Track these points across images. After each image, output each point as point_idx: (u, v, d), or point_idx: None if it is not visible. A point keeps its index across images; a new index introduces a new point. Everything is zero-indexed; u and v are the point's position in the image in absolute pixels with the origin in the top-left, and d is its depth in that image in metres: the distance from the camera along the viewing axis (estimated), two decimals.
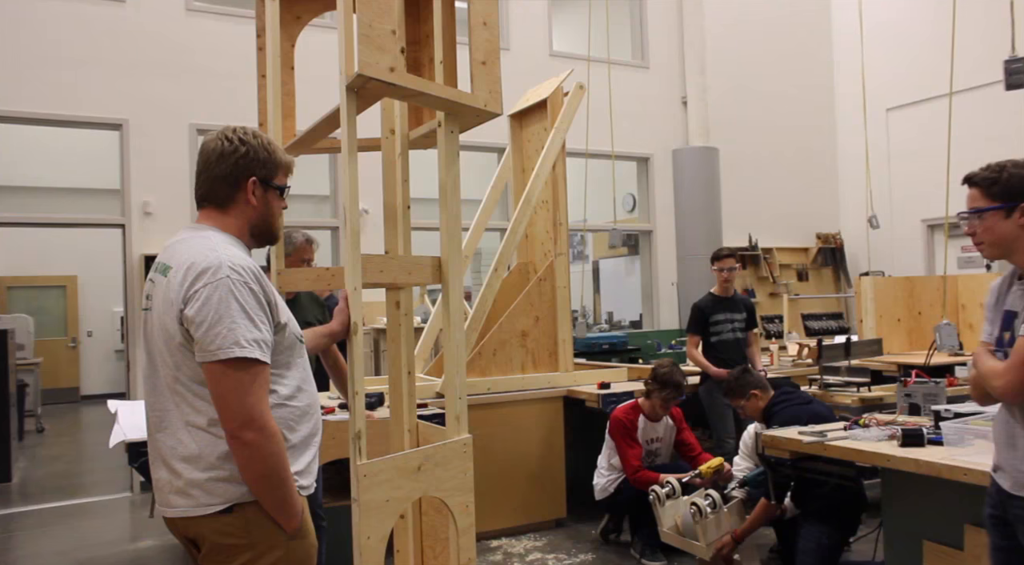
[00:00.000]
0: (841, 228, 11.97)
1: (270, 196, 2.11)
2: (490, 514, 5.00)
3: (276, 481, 1.91)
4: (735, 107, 11.19)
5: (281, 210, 2.18)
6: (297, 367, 2.08)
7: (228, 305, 1.84)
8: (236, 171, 2.05)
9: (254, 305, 1.89)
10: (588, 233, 11.91)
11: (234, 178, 2.05)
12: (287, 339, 2.02)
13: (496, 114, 2.52)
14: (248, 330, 1.85)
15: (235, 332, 1.83)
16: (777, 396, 4.36)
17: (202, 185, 2.08)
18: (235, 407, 1.84)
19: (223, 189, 2.06)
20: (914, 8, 10.72)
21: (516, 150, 6.37)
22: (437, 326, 5.93)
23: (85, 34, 7.73)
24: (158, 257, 2.08)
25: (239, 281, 1.88)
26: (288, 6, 2.99)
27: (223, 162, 2.04)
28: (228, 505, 1.92)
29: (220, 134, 2.08)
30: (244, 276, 1.90)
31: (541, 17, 10.14)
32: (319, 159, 8.87)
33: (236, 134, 2.08)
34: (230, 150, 2.05)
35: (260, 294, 1.93)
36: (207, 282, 1.86)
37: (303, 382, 2.08)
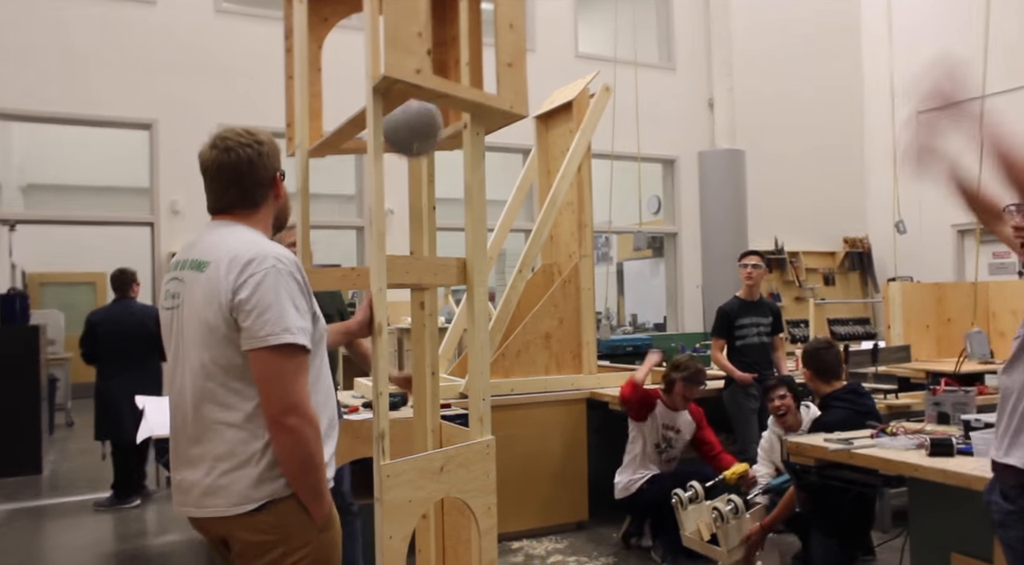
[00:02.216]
0: (869, 232, 11.84)
1: (282, 187, 2.18)
2: (512, 515, 5.00)
3: (313, 467, 1.93)
4: (762, 109, 11.11)
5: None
6: (320, 358, 2.10)
7: (277, 293, 1.88)
8: (267, 172, 2.10)
9: (298, 294, 1.93)
10: (613, 235, 11.88)
11: (267, 178, 2.10)
12: (318, 331, 2.04)
13: (522, 116, 2.52)
14: (295, 318, 1.89)
15: (285, 319, 1.86)
16: (843, 391, 4.24)
17: (233, 195, 2.08)
18: (280, 393, 1.86)
19: (260, 191, 2.09)
20: (945, 8, 10.57)
21: (541, 151, 6.36)
22: (461, 326, 5.94)
23: (116, 35, 7.84)
24: (181, 255, 2.08)
25: (284, 270, 1.91)
26: (316, 8, 3.01)
27: (256, 167, 2.07)
28: (261, 503, 1.93)
29: (236, 141, 2.07)
30: (288, 266, 1.93)
31: (567, 18, 10.13)
32: (345, 159, 8.92)
33: (248, 137, 2.08)
34: (255, 154, 2.07)
35: (302, 283, 1.96)
36: (254, 271, 1.89)
37: (321, 374, 2.10)
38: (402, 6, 2.17)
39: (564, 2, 10.14)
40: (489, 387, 2.58)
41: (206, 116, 8.10)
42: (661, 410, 4.90)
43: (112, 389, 6.15)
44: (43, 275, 13.40)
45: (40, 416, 7.41)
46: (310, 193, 2.90)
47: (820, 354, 4.30)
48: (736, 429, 5.56)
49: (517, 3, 2.50)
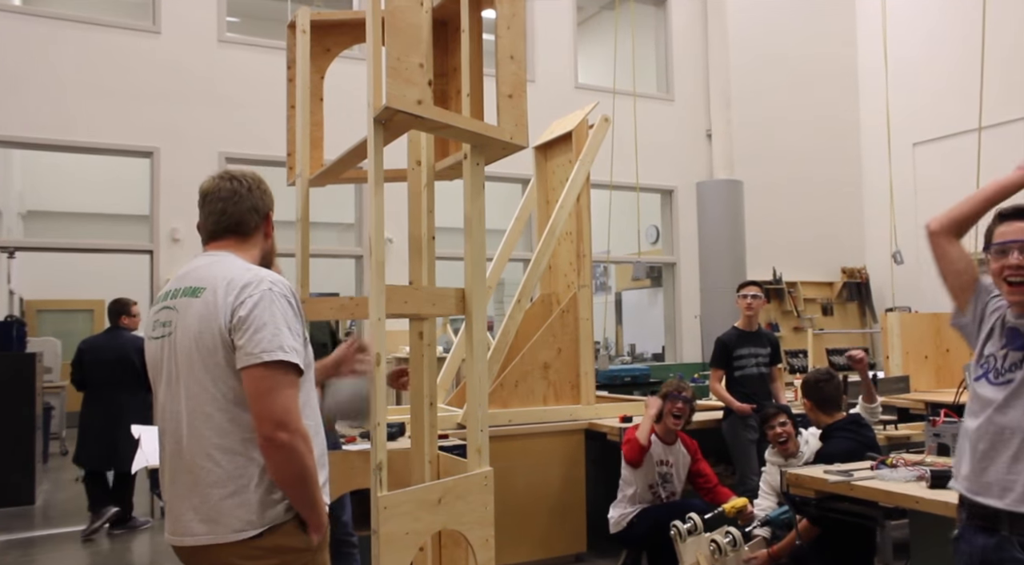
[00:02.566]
0: (867, 262, 11.87)
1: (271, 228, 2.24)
2: (509, 547, 4.94)
3: (308, 482, 1.94)
4: (760, 140, 11.19)
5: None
6: (309, 384, 2.11)
7: (272, 313, 1.92)
8: (263, 205, 2.18)
9: (292, 317, 1.97)
10: (611, 265, 11.90)
11: (261, 211, 2.17)
12: (307, 356, 2.06)
13: (522, 147, 2.54)
14: (289, 338, 1.93)
15: (279, 337, 1.90)
16: (845, 422, 4.25)
17: (229, 215, 2.13)
18: (271, 408, 1.87)
19: (253, 218, 2.16)
20: (941, 43, 10.69)
21: (541, 181, 6.39)
22: (459, 356, 5.92)
23: (119, 64, 7.91)
24: (173, 284, 2.10)
25: (279, 293, 1.97)
26: (318, 39, 3.04)
27: (252, 195, 2.16)
28: (263, 529, 1.93)
29: (228, 176, 2.17)
30: (283, 289, 1.99)
31: (567, 49, 10.23)
32: (345, 187, 8.96)
33: (248, 174, 2.20)
34: (255, 186, 2.17)
35: (296, 308, 2.01)
36: (251, 293, 1.94)
37: (310, 400, 2.11)
38: (405, 37, 2.19)
39: (564, 33, 10.25)
40: (488, 418, 2.57)
41: (207, 145, 8.16)
42: (655, 446, 4.85)
43: (91, 416, 6.22)
44: (41, 302, 13.38)
45: (34, 445, 7.35)
46: (310, 221, 2.91)
47: (821, 385, 4.31)
48: (735, 460, 5.52)
49: (518, 35, 2.53)
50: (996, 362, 2.33)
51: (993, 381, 2.31)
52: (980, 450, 2.25)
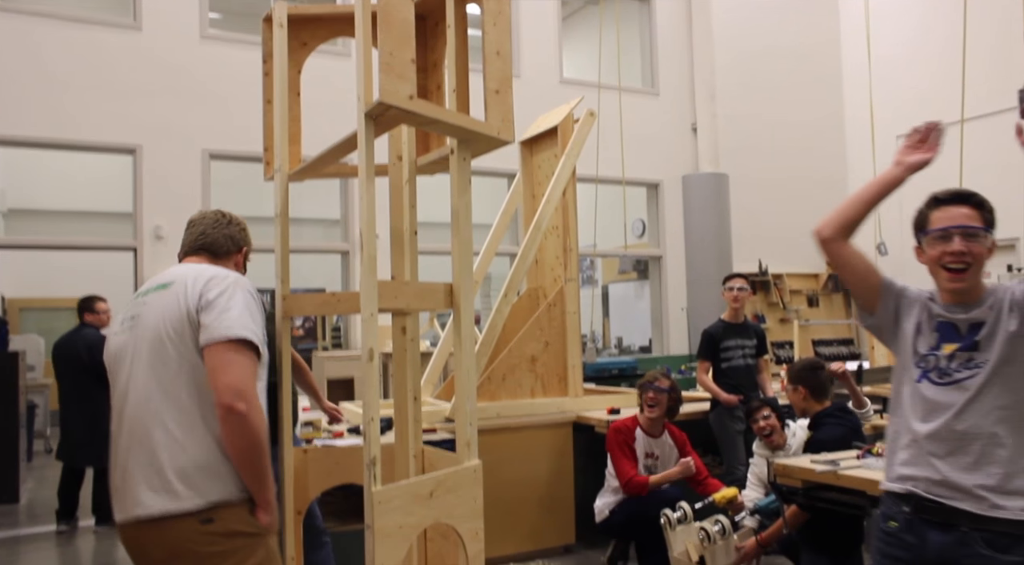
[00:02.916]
0: None
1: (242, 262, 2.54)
2: (498, 540, 4.96)
3: (259, 454, 2.06)
4: (745, 133, 11.23)
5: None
6: (263, 382, 2.22)
7: (237, 299, 2.13)
8: (240, 238, 2.51)
9: (255, 308, 2.19)
10: (598, 258, 11.92)
11: (237, 242, 2.49)
12: (265, 355, 2.23)
13: (508, 142, 2.54)
14: (250, 322, 2.12)
15: (242, 319, 2.09)
16: (832, 409, 4.30)
17: (207, 235, 2.43)
18: (231, 379, 2.01)
19: (228, 244, 2.45)
20: (924, 36, 10.76)
21: (527, 176, 6.40)
22: (447, 350, 5.93)
23: (101, 60, 7.85)
24: (145, 286, 2.30)
25: (245, 285, 2.20)
26: (295, 32, 3.02)
27: (232, 226, 2.49)
28: (209, 502, 2.02)
29: (222, 214, 2.54)
30: (248, 286, 2.22)
31: (552, 44, 10.23)
32: (330, 183, 8.93)
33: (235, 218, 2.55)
34: (235, 221, 2.50)
35: (259, 306, 2.23)
36: (220, 282, 2.16)
37: (261, 394, 2.22)
38: (396, 32, 2.19)
39: (549, 28, 10.24)
40: (476, 411, 2.57)
41: (190, 141, 8.11)
42: (641, 439, 4.87)
43: (66, 412, 6.25)
44: (24, 301, 13.27)
45: (18, 443, 7.30)
46: (295, 217, 2.90)
47: (817, 372, 4.35)
48: (722, 451, 5.56)
49: (504, 30, 2.53)
50: (937, 361, 2.30)
51: (937, 381, 2.27)
52: (937, 453, 2.21)
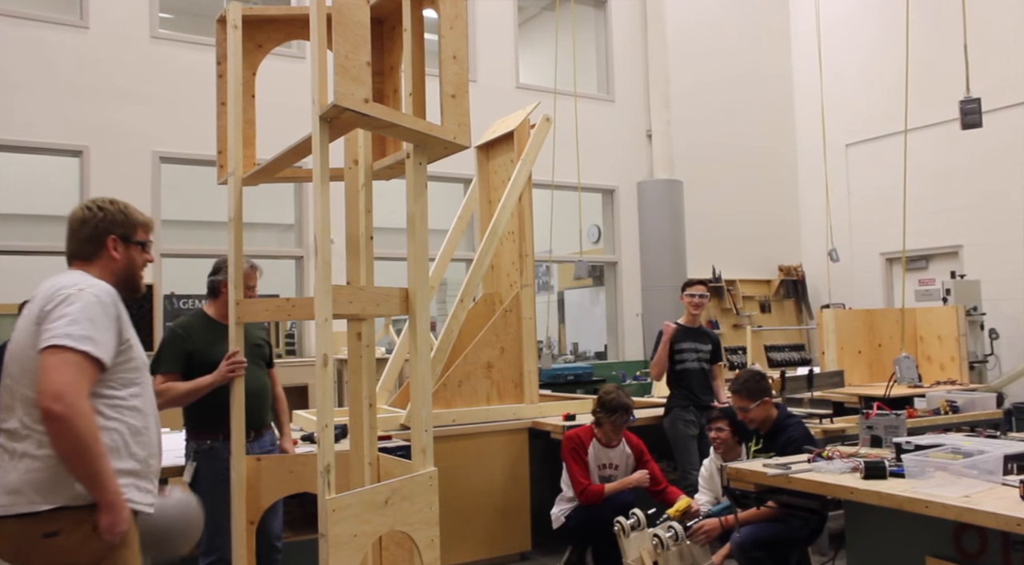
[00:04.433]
0: (803, 261, 12.16)
1: (131, 251, 2.44)
2: (454, 548, 4.93)
3: (87, 457, 2.06)
4: (699, 140, 11.37)
5: (144, 263, 2.49)
6: (142, 386, 2.30)
7: (72, 307, 2.13)
8: (97, 233, 2.40)
9: (99, 313, 2.17)
10: (554, 264, 11.95)
11: (96, 238, 2.40)
12: (137, 359, 2.29)
13: (465, 146, 2.53)
14: (85, 330, 2.11)
15: (71, 327, 2.10)
16: (786, 412, 4.39)
17: (70, 245, 2.41)
18: (48, 383, 2.04)
19: (87, 248, 2.39)
20: (873, 47, 11.02)
21: (483, 181, 6.39)
22: (402, 356, 5.88)
23: (46, 60, 7.65)
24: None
25: (91, 293, 2.19)
26: (250, 34, 2.98)
27: (85, 227, 2.40)
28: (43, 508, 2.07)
29: (82, 204, 2.45)
30: (101, 296, 2.21)
31: (508, 49, 10.25)
32: (284, 188, 8.81)
33: (95, 203, 2.44)
34: (90, 216, 2.40)
35: (111, 308, 2.21)
36: (66, 293, 2.17)
37: (144, 405, 2.31)
38: (351, 36, 2.17)
39: (505, 33, 10.26)
40: (431, 418, 2.56)
41: (140, 144, 7.94)
42: (595, 450, 4.87)
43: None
44: None
45: None
46: (248, 222, 2.86)
47: (761, 384, 4.36)
48: (676, 456, 5.60)
49: (460, 35, 2.53)
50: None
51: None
52: None
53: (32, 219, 11.30)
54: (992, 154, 9.64)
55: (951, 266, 9.94)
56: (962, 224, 10.04)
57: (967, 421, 5.34)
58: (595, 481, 4.79)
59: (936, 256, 10.45)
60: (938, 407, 5.60)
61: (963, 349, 7.54)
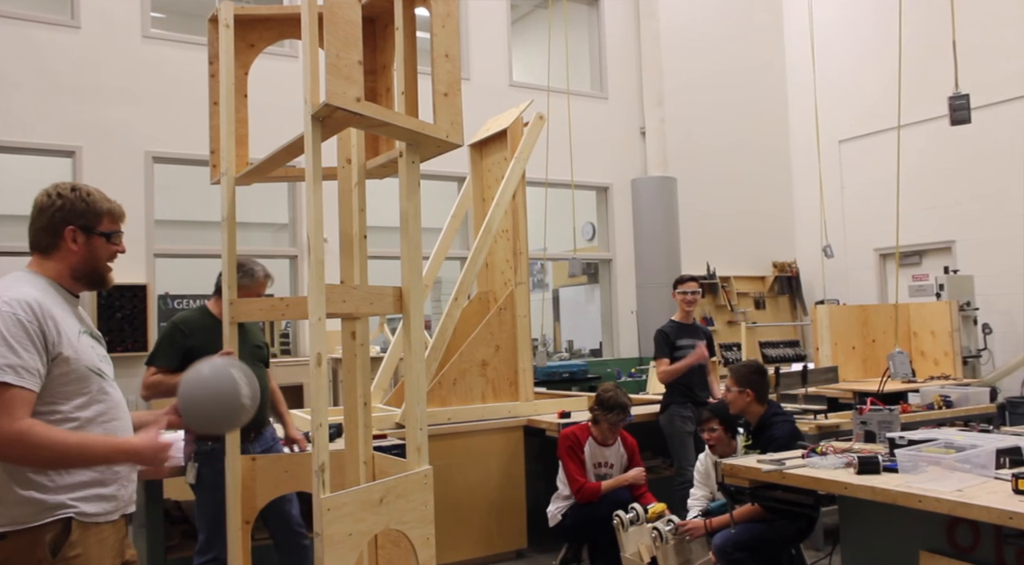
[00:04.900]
0: (797, 257, 12.18)
1: (94, 242, 2.26)
2: (450, 546, 4.94)
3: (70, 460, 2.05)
4: (692, 138, 11.38)
5: (110, 254, 2.31)
6: (89, 396, 2.16)
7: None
8: (54, 222, 2.24)
9: (19, 334, 2.03)
10: (548, 262, 11.96)
11: (53, 228, 2.24)
12: (75, 371, 2.13)
13: (457, 145, 2.53)
14: (3, 357, 1.99)
15: None
16: (776, 410, 4.41)
17: (29, 235, 2.27)
18: None
19: (44, 238, 2.25)
20: (866, 43, 11.04)
21: (476, 179, 6.39)
22: (397, 355, 5.88)
23: (38, 60, 7.62)
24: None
25: (8, 313, 2.04)
26: (242, 34, 2.98)
27: (43, 215, 2.25)
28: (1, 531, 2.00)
29: (43, 191, 2.29)
30: (14, 308, 2.05)
31: (501, 47, 10.24)
32: (278, 187, 8.80)
33: (56, 189, 2.27)
34: (47, 204, 2.24)
35: (31, 325, 2.06)
36: None
37: (100, 414, 2.17)
38: (343, 34, 2.17)
39: (498, 31, 10.25)
40: (426, 416, 2.56)
41: (133, 144, 7.92)
42: (591, 448, 4.88)
43: None
44: None
45: None
46: (242, 222, 2.85)
47: (764, 377, 4.44)
48: (673, 452, 5.61)
49: (453, 33, 2.52)
50: None
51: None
52: None
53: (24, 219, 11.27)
54: (985, 150, 9.68)
55: (944, 261, 9.97)
56: (955, 220, 10.08)
57: (961, 416, 5.36)
58: (591, 479, 4.80)
59: (929, 252, 10.49)
60: (932, 402, 5.62)
61: (956, 344, 7.56)
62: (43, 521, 2.03)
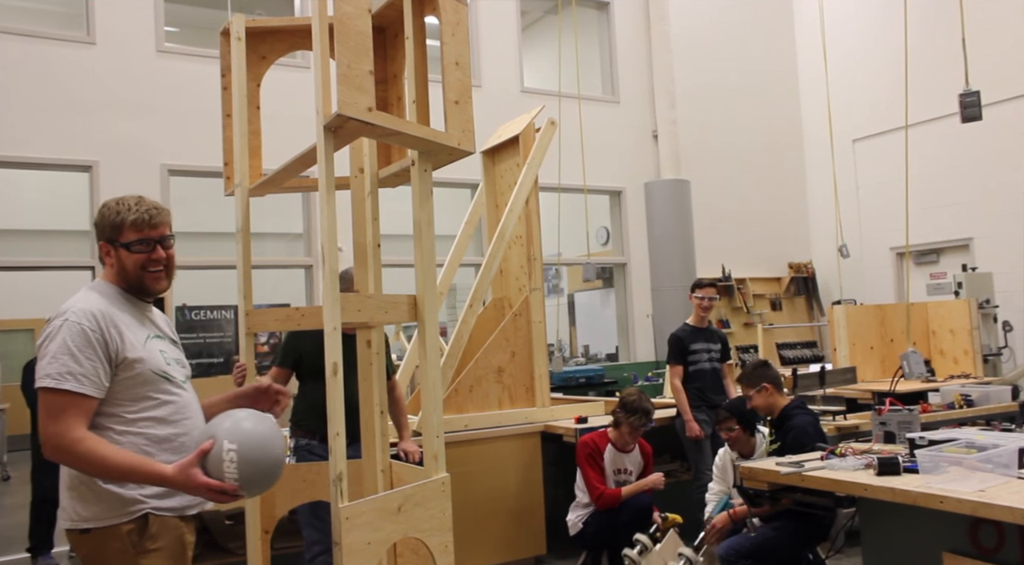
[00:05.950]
0: (813, 257, 12.12)
1: (120, 254, 2.32)
2: (469, 553, 4.94)
3: (106, 475, 2.11)
4: (705, 140, 11.35)
5: (136, 263, 2.31)
6: (157, 399, 2.25)
7: (55, 343, 2.15)
8: (96, 240, 2.39)
9: (81, 343, 2.15)
10: (562, 267, 11.95)
11: (99, 246, 2.38)
12: (141, 375, 2.23)
13: (469, 152, 2.54)
14: (64, 365, 2.12)
15: (51, 365, 2.12)
16: (797, 403, 4.41)
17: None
18: (40, 429, 2.12)
19: (100, 254, 2.39)
20: (877, 41, 10.98)
21: (489, 186, 6.40)
22: (413, 363, 5.89)
23: (55, 75, 7.71)
24: None
25: (74, 323, 2.17)
26: (254, 46, 3.00)
27: (97, 230, 2.37)
28: (81, 527, 2.15)
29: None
30: (80, 318, 2.18)
31: (512, 54, 10.26)
32: (292, 197, 8.85)
33: (101, 208, 2.35)
34: (100, 214, 2.35)
35: (94, 333, 2.17)
36: (50, 328, 2.19)
37: (170, 414, 2.27)
38: (354, 44, 2.18)
39: (508, 38, 10.28)
40: (443, 424, 2.56)
41: (148, 157, 7.99)
42: (610, 455, 4.87)
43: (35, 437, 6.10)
44: None
45: None
46: (257, 232, 2.87)
47: (770, 368, 4.48)
48: (689, 456, 5.59)
49: (463, 41, 2.53)
50: None
51: None
52: None
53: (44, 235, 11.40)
54: (1000, 146, 9.60)
55: (962, 259, 9.89)
56: (972, 217, 9.99)
57: (982, 415, 5.31)
58: (611, 486, 4.79)
59: (947, 249, 10.40)
60: (952, 401, 5.57)
61: (976, 342, 7.49)
62: (124, 517, 2.16)
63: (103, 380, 2.17)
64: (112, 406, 2.19)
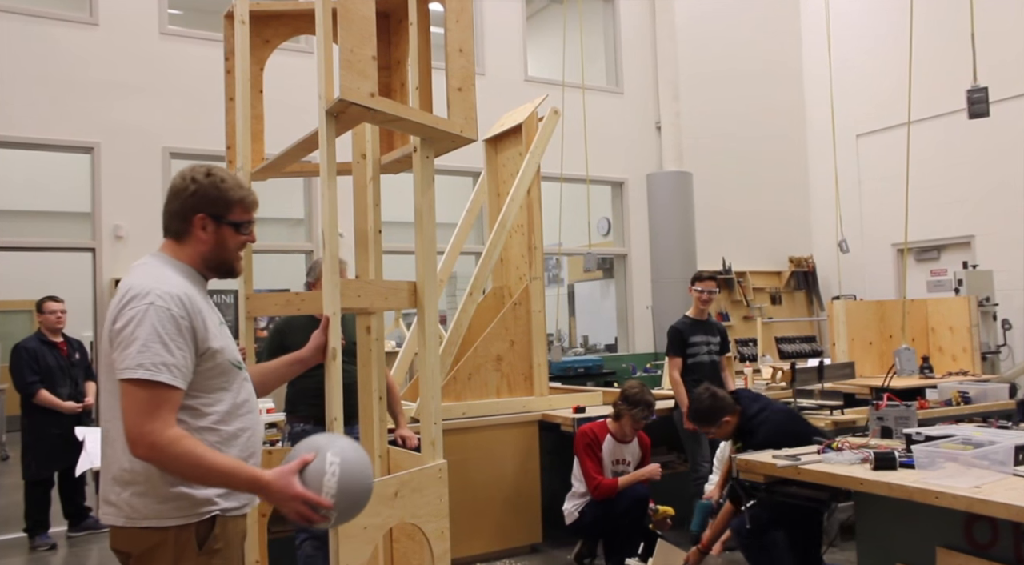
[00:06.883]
0: (814, 252, 12.11)
1: (223, 231, 2.17)
2: (465, 540, 4.95)
3: (199, 478, 1.98)
4: (708, 132, 11.33)
5: (239, 244, 2.21)
6: (231, 391, 2.13)
7: (143, 328, 1.95)
8: (185, 208, 2.15)
9: (172, 331, 1.98)
10: (563, 257, 11.95)
11: (183, 214, 2.15)
12: (220, 365, 2.09)
13: (471, 140, 2.54)
14: (157, 354, 1.94)
15: (143, 354, 1.93)
16: (750, 412, 4.22)
17: (163, 217, 2.19)
18: (129, 425, 1.92)
19: (176, 223, 2.17)
20: (883, 36, 10.94)
21: (491, 174, 6.39)
22: (412, 350, 5.90)
23: (56, 57, 7.69)
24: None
25: (162, 308, 1.98)
26: (257, 30, 2.99)
27: (176, 199, 2.16)
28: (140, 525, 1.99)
29: (180, 172, 2.19)
30: (168, 303, 1.99)
31: (516, 42, 10.22)
32: (293, 183, 8.84)
33: (192, 173, 2.17)
34: (181, 188, 2.15)
35: (183, 320, 2.01)
36: (133, 306, 1.98)
37: (237, 407, 2.14)
38: (357, 29, 2.17)
39: (513, 26, 10.24)
40: (441, 411, 2.57)
41: (150, 139, 7.98)
42: (609, 446, 4.88)
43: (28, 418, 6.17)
44: None
45: None
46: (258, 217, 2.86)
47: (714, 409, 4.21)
48: (686, 448, 5.60)
49: (466, 28, 2.52)
50: None
51: None
52: None
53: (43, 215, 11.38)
54: (1006, 144, 9.57)
55: (963, 256, 9.88)
56: (974, 214, 9.98)
57: (979, 412, 5.32)
58: (608, 477, 4.80)
59: (948, 246, 10.40)
60: (950, 398, 5.58)
61: (975, 339, 7.49)
62: (194, 517, 2.02)
63: (191, 371, 2.02)
64: (189, 397, 2.03)
